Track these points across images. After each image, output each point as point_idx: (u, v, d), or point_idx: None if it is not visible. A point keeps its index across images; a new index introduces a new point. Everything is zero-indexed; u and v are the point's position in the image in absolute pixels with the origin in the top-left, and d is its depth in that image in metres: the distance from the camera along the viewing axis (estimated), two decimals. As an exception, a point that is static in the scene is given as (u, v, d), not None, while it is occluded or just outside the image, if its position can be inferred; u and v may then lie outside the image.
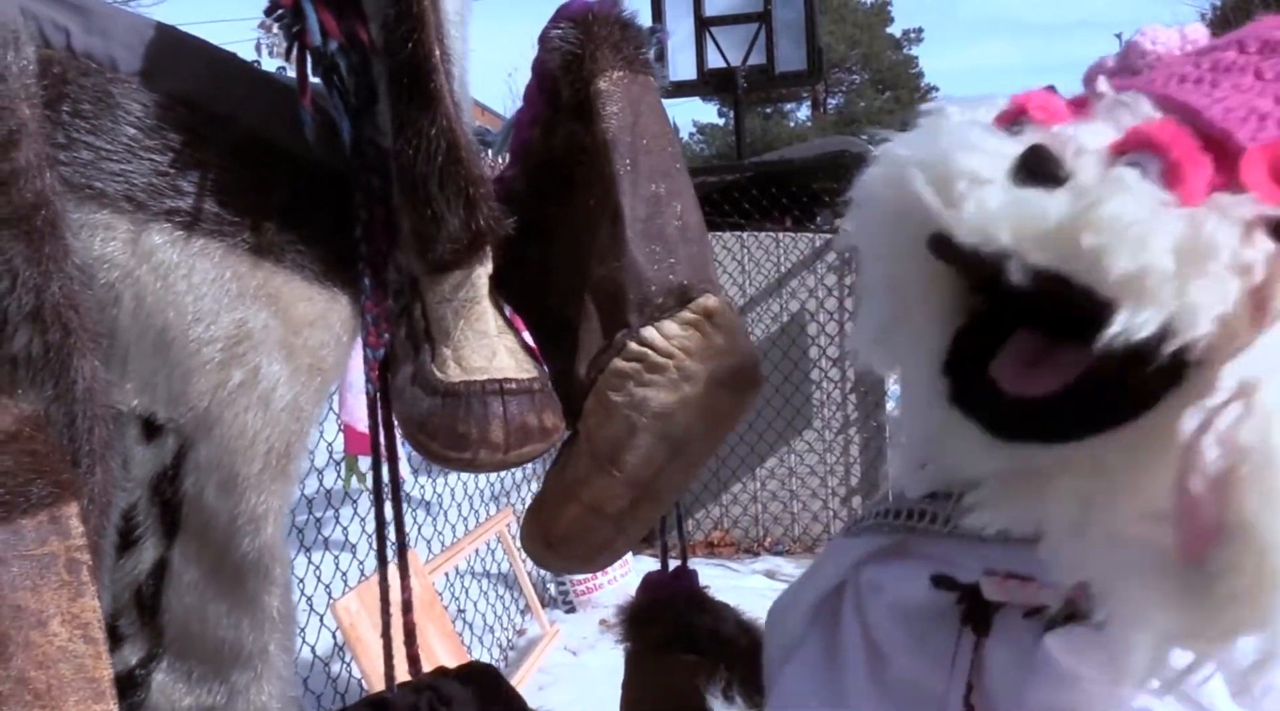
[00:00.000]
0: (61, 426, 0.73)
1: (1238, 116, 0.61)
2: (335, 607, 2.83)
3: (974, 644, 0.73)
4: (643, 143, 0.92)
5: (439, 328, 0.83)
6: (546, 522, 0.94)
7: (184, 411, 0.79)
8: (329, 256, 0.85)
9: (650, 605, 1.12)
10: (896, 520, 0.79)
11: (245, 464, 0.81)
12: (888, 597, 0.78)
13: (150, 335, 0.78)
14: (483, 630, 3.94)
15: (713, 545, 5.51)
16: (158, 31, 0.82)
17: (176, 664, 0.82)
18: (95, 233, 0.77)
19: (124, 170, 0.78)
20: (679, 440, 0.87)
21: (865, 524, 0.83)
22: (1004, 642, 0.72)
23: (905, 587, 0.77)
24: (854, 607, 0.81)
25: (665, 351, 0.88)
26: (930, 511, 0.77)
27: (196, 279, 0.79)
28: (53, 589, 0.68)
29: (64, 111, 0.77)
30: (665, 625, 1.09)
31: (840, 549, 0.84)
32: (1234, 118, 0.61)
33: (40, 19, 0.77)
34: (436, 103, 0.78)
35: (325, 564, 3.02)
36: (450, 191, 0.79)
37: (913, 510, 0.78)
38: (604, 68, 0.91)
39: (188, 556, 0.81)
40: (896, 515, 0.80)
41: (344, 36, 0.80)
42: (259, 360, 0.81)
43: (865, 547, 0.81)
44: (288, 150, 0.84)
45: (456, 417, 0.81)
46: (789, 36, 6.66)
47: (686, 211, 0.93)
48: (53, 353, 0.73)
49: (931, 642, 0.75)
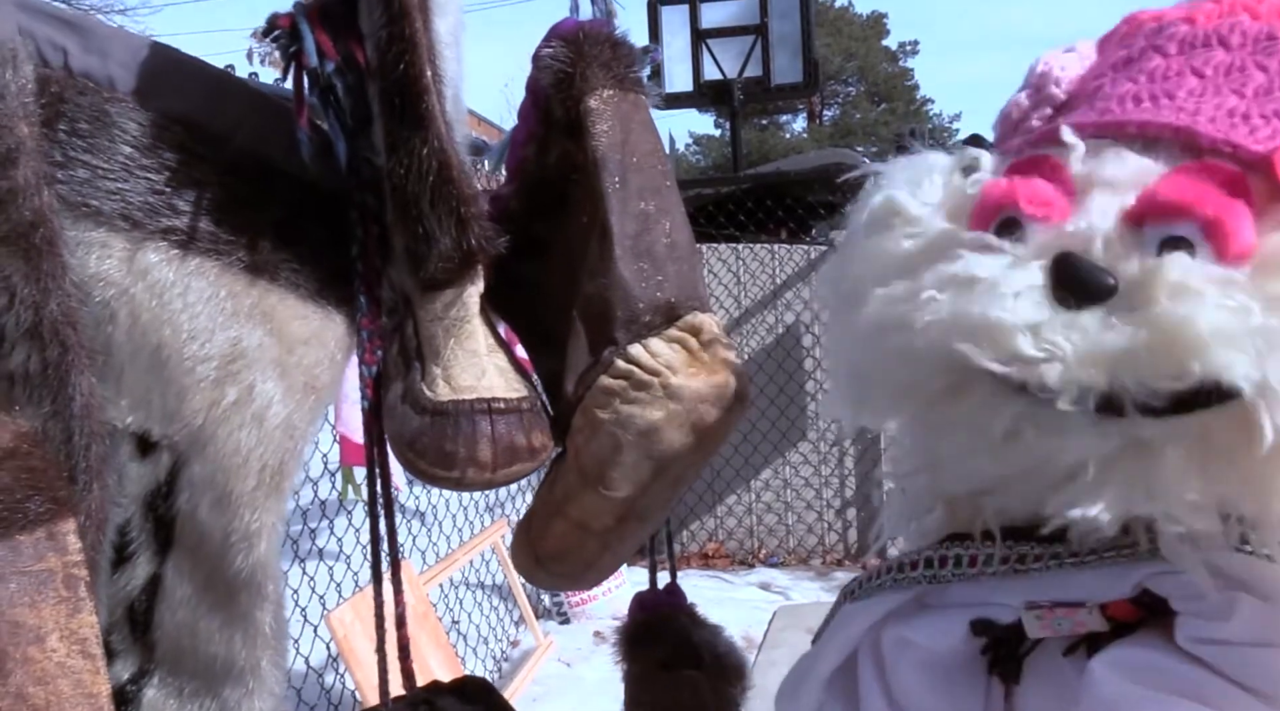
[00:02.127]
0: (59, 443, 0.74)
1: (1227, 124, 0.61)
2: (329, 619, 2.82)
3: (1004, 693, 0.69)
4: (632, 160, 0.92)
5: (430, 346, 0.84)
6: (535, 539, 0.95)
7: (178, 428, 0.80)
8: (324, 274, 0.86)
9: (648, 623, 1.12)
10: (915, 572, 0.72)
11: (239, 481, 0.81)
12: (919, 654, 0.72)
13: (145, 353, 0.79)
14: (477, 641, 3.94)
15: (707, 557, 5.50)
16: (155, 51, 0.83)
17: (168, 680, 0.82)
18: (91, 250, 0.78)
19: (120, 188, 0.79)
20: (665, 457, 0.87)
21: (875, 584, 0.75)
22: (1039, 687, 0.67)
23: (939, 640, 0.71)
24: (874, 674, 0.74)
25: (651, 369, 0.87)
26: (953, 555, 0.71)
27: (192, 297, 0.79)
28: (51, 605, 0.68)
29: (61, 130, 0.78)
30: (668, 642, 1.09)
31: (850, 615, 0.77)
32: (1225, 126, 0.60)
33: (39, 38, 0.78)
34: (428, 123, 0.79)
35: (320, 575, 3.01)
36: (442, 211, 0.80)
37: (931, 558, 0.72)
38: (594, 86, 0.92)
39: (181, 572, 0.82)
40: (914, 566, 0.73)
41: (340, 57, 0.81)
42: (253, 378, 0.81)
43: (881, 608, 0.74)
44: (283, 169, 0.84)
45: (445, 436, 0.82)
46: (785, 49, 6.69)
47: (675, 229, 0.93)
48: (50, 369, 0.73)
49: (962, 701, 0.70)
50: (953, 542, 0.71)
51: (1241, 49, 0.64)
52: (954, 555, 0.70)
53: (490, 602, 4.25)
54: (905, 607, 0.74)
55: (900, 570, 0.73)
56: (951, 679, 0.70)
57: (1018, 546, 0.67)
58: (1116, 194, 0.61)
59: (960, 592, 0.71)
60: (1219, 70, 0.64)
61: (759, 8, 6.58)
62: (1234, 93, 0.62)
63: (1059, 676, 0.66)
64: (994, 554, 0.68)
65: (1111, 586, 0.64)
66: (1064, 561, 0.65)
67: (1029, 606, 0.66)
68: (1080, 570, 0.65)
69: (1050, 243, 0.60)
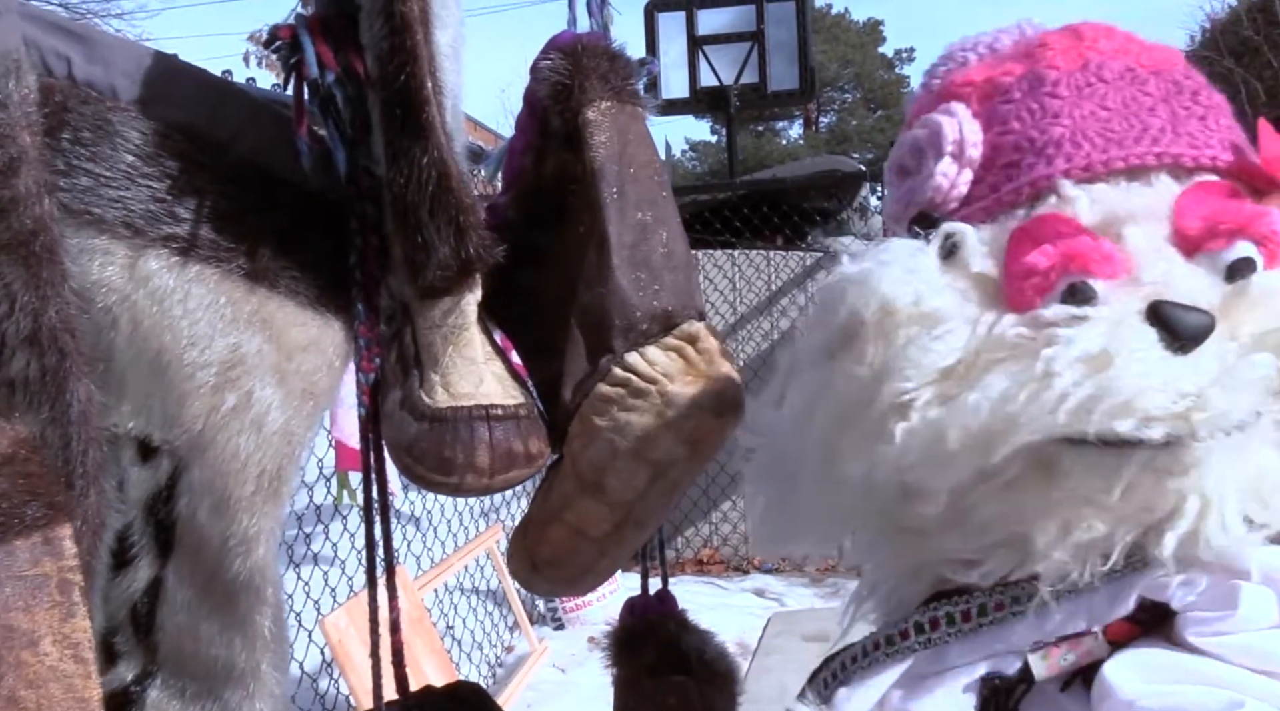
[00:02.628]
0: (56, 448, 0.74)
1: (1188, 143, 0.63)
2: (324, 624, 2.83)
3: None
4: (630, 171, 0.94)
5: (428, 354, 0.85)
6: (532, 545, 0.96)
7: (178, 434, 0.80)
8: (323, 282, 0.87)
9: (638, 628, 1.13)
10: (907, 641, 0.67)
11: (237, 486, 0.82)
12: None
13: (146, 359, 0.79)
14: (471, 647, 3.93)
15: (702, 563, 5.50)
16: (157, 60, 0.84)
17: (170, 681, 0.83)
18: (94, 258, 0.79)
19: (122, 197, 0.80)
20: (661, 464, 0.88)
21: (866, 662, 0.70)
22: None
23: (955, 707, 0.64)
24: None
25: (649, 377, 0.89)
26: (944, 614, 0.67)
27: (192, 304, 0.80)
28: (45, 609, 0.69)
29: (64, 139, 0.79)
30: (656, 648, 1.10)
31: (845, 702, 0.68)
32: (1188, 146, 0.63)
33: (43, 48, 0.79)
34: (428, 134, 0.80)
35: (314, 580, 3.01)
36: (441, 220, 0.81)
37: (921, 623, 0.67)
38: (592, 98, 0.93)
39: (181, 576, 0.82)
40: (904, 636, 0.68)
41: (340, 68, 0.82)
42: (252, 384, 0.82)
43: (878, 689, 0.67)
44: (283, 178, 0.85)
45: (443, 442, 0.83)
46: (782, 55, 6.71)
47: (672, 238, 0.95)
48: (49, 376, 0.74)
49: None
50: (939, 602, 0.68)
51: (1119, 81, 0.66)
52: (945, 613, 0.67)
53: (485, 608, 4.24)
54: (903, 682, 0.68)
55: (890, 642, 0.69)
56: None
57: (1010, 589, 0.64)
58: (1146, 230, 0.61)
59: (959, 653, 0.66)
60: (1123, 102, 0.65)
61: (756, 15, 6.60)
62: (1154, 117, 0.64)
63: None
64: (986, 603, 0.65)
65: (1114, 605, 0.62)
66: (1061, 593, 0.62)
67: (1035, 647, 0.62)
68: (1079, 597, 0.63)
69: (1132, 296, 0.58)
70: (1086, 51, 0.68)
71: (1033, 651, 0.62)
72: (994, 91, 0.70)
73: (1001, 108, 0.69)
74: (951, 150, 0.68)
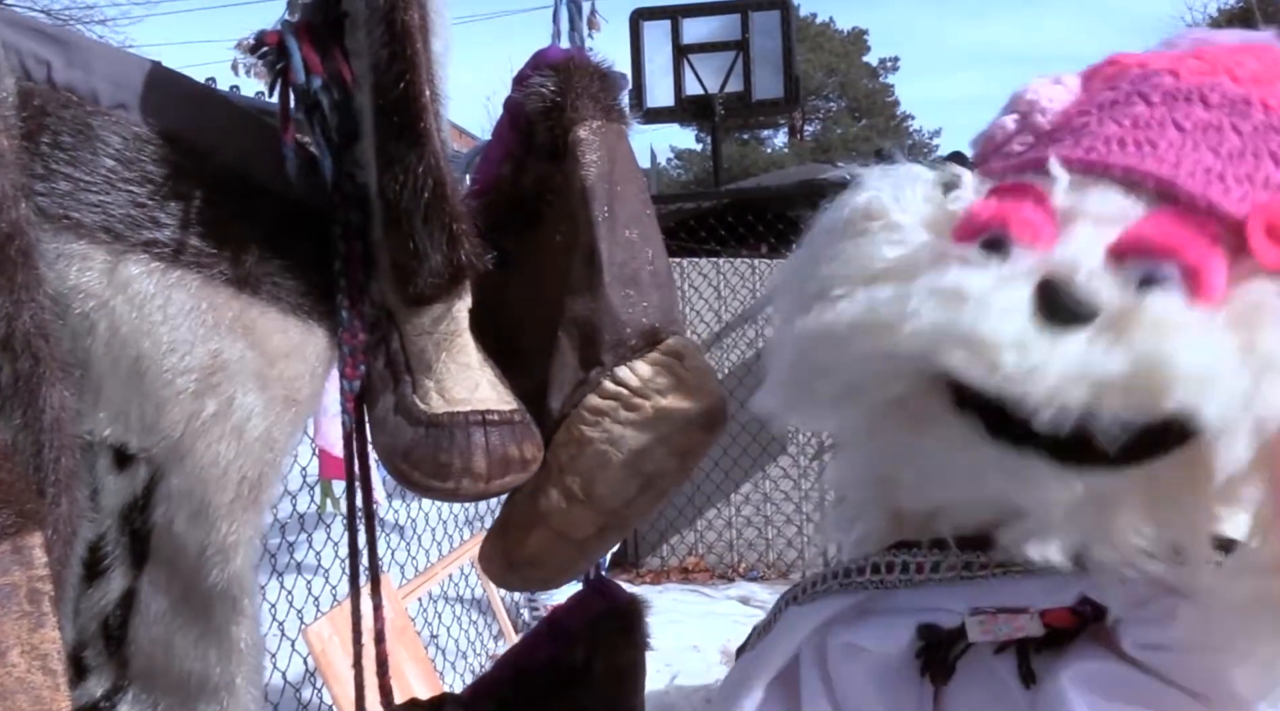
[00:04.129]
0: (28, 455, 0.73)
1: (1204, 181, 0.63)
2: (307, 633, 2.80)
3: (933, 695, 0.71)
4: (618, 190, 0.96)
5: (419, 360, 0.85)
6: (511, 546, 0.97)
7: (156, 441, 0.79)
8: (306, 289, 0.86)
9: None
10: (861, 577, 0.74)
11: (217, 494, 0.81)
12: (864, 659, 0.73)
13: (124, 365, 0.78)
14: (456, 655, 3.91)
15: (687, 571, 5.50)
16: (138, 65, 0.83)
17: (142, 696, 0.81)
18: (72, 263, 0.77)
19: (102, 201, 0.78)
20: (651, 474, 0.91)
21: (821, 588, 0.77)
22: (968, 686, 0.70)
23: (885, 645, 0.72)
24: (818, 677, 0.75)
25: (640, 391, 0.92)
26: (900, 562, 0.72)
27: (172, 310, 0.79)
28: (13, 619, 0.67)
29: (43, 143, 0.77)
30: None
31: (794, 619, 0.78)
32: (1203, 183, 0.63)
33: (22, 52, 0.78)
34: (425, 142, 0.80)
35: (298, 589, 2.99)
36: (434, 227, 0.81)
37: (878, 564, 0.73)
38: (584, 117, 0.96)
39: (156, 586, 0.81)
40: (860, 572, 0.74)
41: (327, 74, 0.81)
42: (233, 390, 0.81)
43: (826, 612, 0.75)
44: (266, 184, 0.84)
45: (440, 448, 0.83)
46: (766, 64, 6.73)
47: (656, 256, 0.98)
48: (21, 381, 0.73)
49: (902, 704, 0.72)
50: (900, 549, 0.73)
51: (1220, 109, 0.67)
52: (900, 562, 0.72)
53: (469, 616, 4.22)
54: (849, 612, 0.75)
55: (847, 575, 0.75)
56: (893, 683, 0.73)
57: (965, 555, 0.70)
58: (1099, 228, 0.63)
59: (906, 598, 0.72)
60: (1198, 127, 0.66)
61: (740, 24, 6.63)
62: (1210, 150, 0.65)
63: (989, 675, 0.69)
64: (940, 561, 0.71)
65: (1055, 595, 0.67)
66: (1010, 570, 0.68)
67: (974, 612, 0.68)
68: (1026, 578, 0.67)
69: (1036, 267, 0.61)
70: (1217, 73, 0.69)
71: (972, 615, 0.68)
72: (1117, 76, 0.72)
73: (1102, 93, 0.71)
74: (1021, 108, 0.72)
